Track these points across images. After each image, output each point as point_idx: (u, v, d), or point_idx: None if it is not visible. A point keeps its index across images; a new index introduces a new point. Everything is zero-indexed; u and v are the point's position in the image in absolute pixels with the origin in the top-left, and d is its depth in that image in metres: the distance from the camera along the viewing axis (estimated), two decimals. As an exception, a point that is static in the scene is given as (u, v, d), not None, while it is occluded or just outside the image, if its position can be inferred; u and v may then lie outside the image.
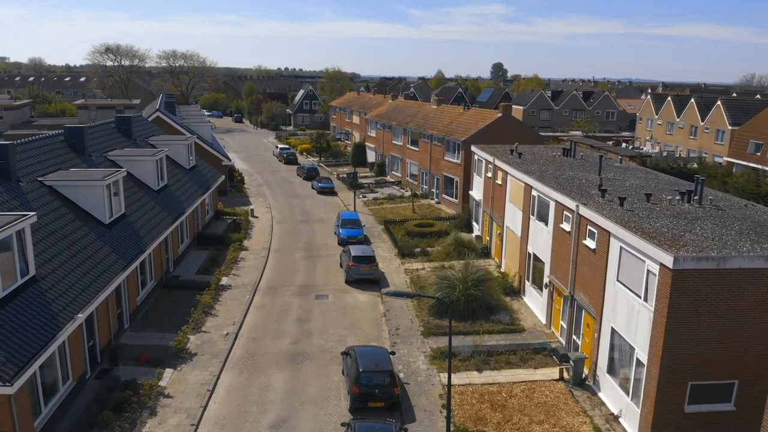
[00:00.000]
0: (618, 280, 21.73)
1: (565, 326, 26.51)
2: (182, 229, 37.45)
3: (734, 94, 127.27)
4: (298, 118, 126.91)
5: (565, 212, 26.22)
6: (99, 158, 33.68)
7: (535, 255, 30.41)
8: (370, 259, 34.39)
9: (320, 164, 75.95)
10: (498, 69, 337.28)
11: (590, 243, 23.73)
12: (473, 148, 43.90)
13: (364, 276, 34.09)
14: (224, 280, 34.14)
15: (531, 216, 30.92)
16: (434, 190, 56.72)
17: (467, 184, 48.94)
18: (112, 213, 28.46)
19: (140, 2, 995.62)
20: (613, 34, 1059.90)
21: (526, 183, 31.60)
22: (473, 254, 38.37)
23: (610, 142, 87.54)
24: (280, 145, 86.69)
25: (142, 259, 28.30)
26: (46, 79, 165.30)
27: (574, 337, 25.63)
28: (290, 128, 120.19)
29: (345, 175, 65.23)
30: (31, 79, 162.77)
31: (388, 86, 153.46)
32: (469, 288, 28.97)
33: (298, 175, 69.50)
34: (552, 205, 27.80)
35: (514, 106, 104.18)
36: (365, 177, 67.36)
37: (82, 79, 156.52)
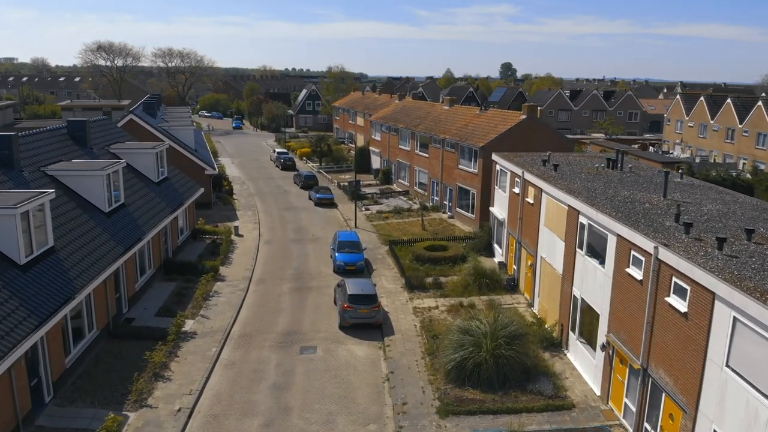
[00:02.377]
0: (728, 366, 14.82)
1: (632, 407, 19.56)
2: (142, 258, 30.75)
3: (764, 94, 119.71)
4: (300, 119, 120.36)
5: (633, 253, 19.28)
6: (34, 174, 27.03)
7: (584, 301, 23.46)
8: (371, 299, 27.55)
9: (320, 170, 69.22)
10: (507, 68, 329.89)
11: (678, 303, 16.80)
12: (495, 157, 37.00)
13: (363, 320, 27.26)
14: (188, 325, 27.37)
15: (578, 249, 23.98)
16: (446, 203, 49.84)
17: (486, 198, 42.06)
18: (32, 249, 21.77)
19: (147, 4, 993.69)
20: (620, 34, 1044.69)
21: (569, 206, 24.67)
22: (497, 287, 31.56)
23: (636, 146, 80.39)
24: (277, 149, 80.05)
25: (69, 309, 21.61)
26: (40, 79, 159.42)
27: (646, 425, 18.70)
28: (292, 130, 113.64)
29: (346, 184, 58.45)
30: (25, 79, 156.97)
31: (395, 86, 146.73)
32: (500, 346, 22.08)
33: (294, 183, 62.78)
34: (612, 240, 20.85)
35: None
36: (369, 185, 60.57)
37: (77, 79, 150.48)
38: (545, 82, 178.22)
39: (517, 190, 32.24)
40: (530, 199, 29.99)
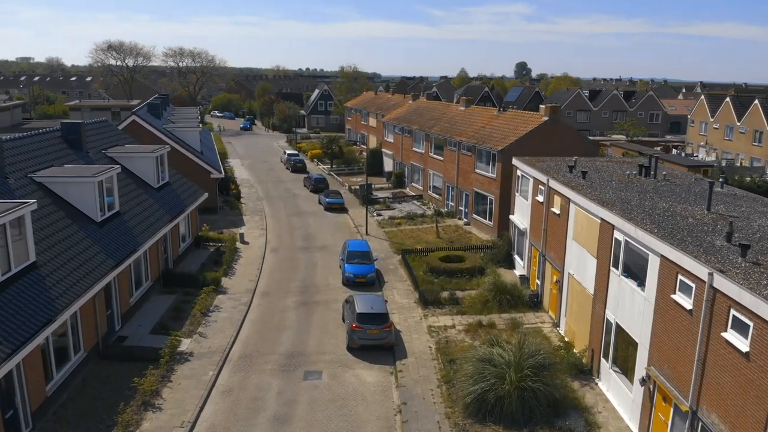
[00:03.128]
0: (806, 419, 12.46)
1: (678, 453, 17.22)
2: (138, 270, 28.79)
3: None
4: (312, 119, 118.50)
5: (681, 278, 16.92)
6: (20, 181, 25.10)
7: (619, 326, 21.11)
8: (382, 318, 25.35)
9: (331, 173, 67.13)
10: (522, 68, 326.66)
11: (738, 341, 14.44)
12: (516, 162, 34.68)
13: (373, 341, 25.05)
14: (185, 344, 25.34)
15: (612, 268, 21.64)
16: (462, 209, 47.55)
17: (505, 204, 39.75)
18: (10, 266, 19.82)
19: (163, 4, 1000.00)
20: (636, 34, 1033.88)
21: (602, 219, 22.33)
22: (519, 304, 29.27)
23: (658, 148, 77.58)
24: (288, 151, 78.12)
25: (50, 332, 19.63)
26: (52, 78, 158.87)
27: (696, 475, 16.36)
28: (304, 130, 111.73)
29: (358, 187, 56.30)
30: (37, 78, 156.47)
31: (409, 86, 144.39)
32: (526, 378, 19.81)
33: (304, 186, 60.76)
34: (654, 260, 18.51)
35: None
36: (381, 189, 58.46)
37: (88, 79, 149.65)
38: (562, 81, 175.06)
39: (541, 198, 29.92)
40: (556, 209, 27.64)
